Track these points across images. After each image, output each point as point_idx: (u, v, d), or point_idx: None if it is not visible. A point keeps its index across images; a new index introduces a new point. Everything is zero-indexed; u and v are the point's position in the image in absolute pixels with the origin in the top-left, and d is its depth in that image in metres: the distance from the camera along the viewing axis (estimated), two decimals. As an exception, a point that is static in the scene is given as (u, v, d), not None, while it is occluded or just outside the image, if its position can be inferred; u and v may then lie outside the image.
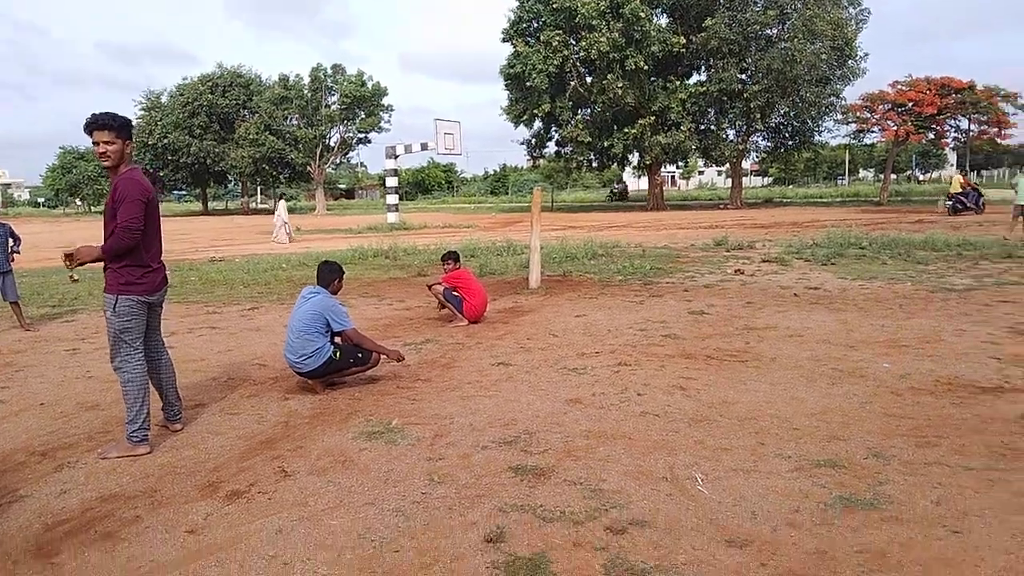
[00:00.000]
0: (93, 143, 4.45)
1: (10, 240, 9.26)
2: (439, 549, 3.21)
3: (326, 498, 3.79)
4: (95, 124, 4.40)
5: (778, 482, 3.82)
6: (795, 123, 43.84)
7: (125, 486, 4.03)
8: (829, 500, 3.58)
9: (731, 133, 45.04)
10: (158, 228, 4.65)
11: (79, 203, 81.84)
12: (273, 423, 5.07)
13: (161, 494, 3.91)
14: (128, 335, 4.52)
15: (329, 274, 6.02)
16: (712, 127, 44.12)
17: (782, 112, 42.60)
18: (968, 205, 27.75)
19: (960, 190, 28.59)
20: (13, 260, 9.34)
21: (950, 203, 28.35)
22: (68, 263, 4.57)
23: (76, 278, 5.21)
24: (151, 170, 60.48)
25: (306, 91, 59.76)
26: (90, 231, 36.94)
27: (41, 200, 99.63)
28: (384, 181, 40.48)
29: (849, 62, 40.22)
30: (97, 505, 3.79)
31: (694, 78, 44.70)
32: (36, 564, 3.19)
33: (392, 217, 35.09)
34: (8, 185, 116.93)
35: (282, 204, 26.76)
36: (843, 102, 42.54)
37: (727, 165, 49.82)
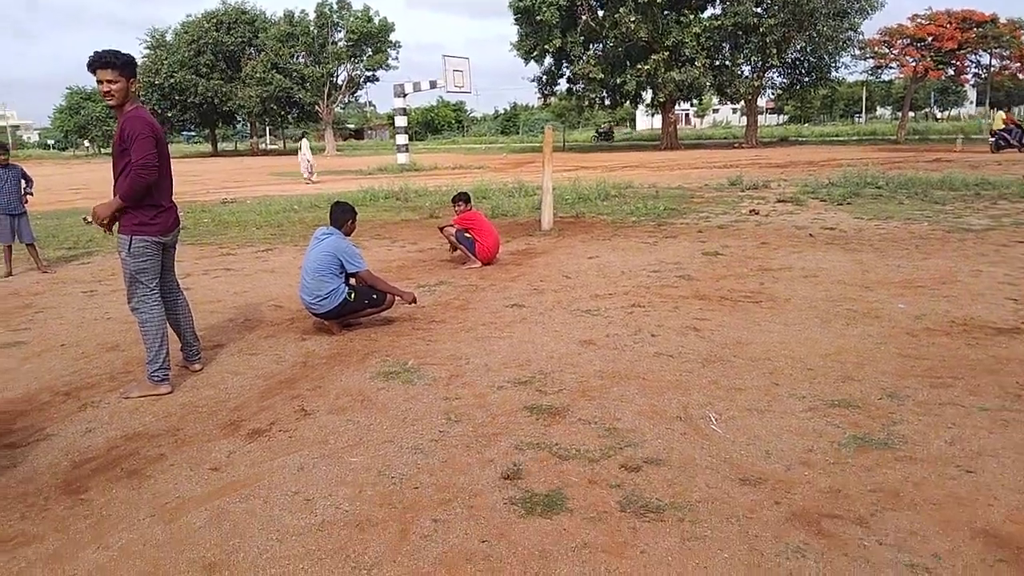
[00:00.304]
0: (97, 82, 4.36)
1: (22, 182, 9.27)
2: (457, 486, 3.28)
3: (346, 436, 3.86)
4: (98, 62, 4.32)
5: (792, 422, 3.86)
6: (811, 59, 42.90)
7: (148, 425, 4.12)
8: (843, 440, 3.62)
9: (746, 69, 44.16)
10: (168, 167, 4.62)
11: (87, 145, 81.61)
12: (291, 363, 5.14)
13: (184, 433, 3.99)
14: (144, 276, 4.54)
15: (342, 215, 6.00)
16: (727, 63, 43.23)
17: (798, 47, 41.64)
18: (1012, 142, 27.11)
19: (1003, 127, 27.92)
20: (27, 202, 9.36)
21: (992, 140, 27.79)
22: (101, 225, 4.49)
23: (90, 220, 5.21)
24: (159, 111, 60.13)
25: (312, 27, 58.93)
26: (100, 172, 36.92)
27: (51, 142, 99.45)
28: (393, 121, 40.09)
29: (867, -6, 39.13)
30: (122, 443, 3.88)
31: (708, 12, 43.58)
32: (66, 500, 3.27)
33: (402, 158, 34.84)
34: (17, 127, 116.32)
35: (305, 143, 26.67)
36: (861, 36, 41.56)
37: (742, 103, 48.99)
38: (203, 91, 59.26)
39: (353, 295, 5.78)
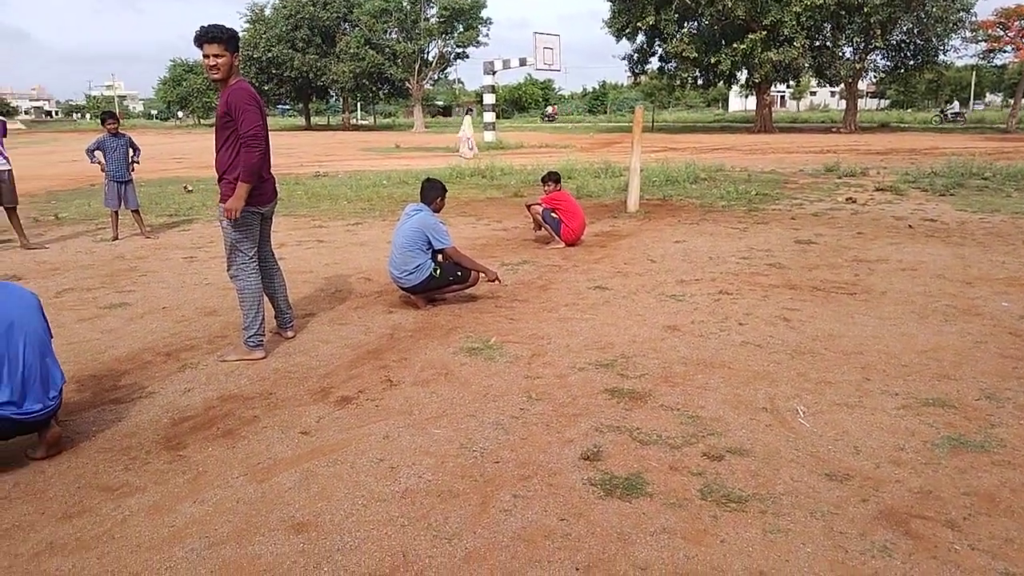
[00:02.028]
0: (203, 56, 4.50)
1: (130, 151, 9.72)
2: (537, 463, 3.31)
3: (430, 408, 3.94)
4: (205, 37, 4.45)
5: (883, 419, 3.74)
6: (918, 40, 40.89)
7: (243, 388, 4.30)
8: (937, 440, 3.49)
9: (848, 51, 42.45)
10: (268, 140, 4.76)
11: (180, 115, 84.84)
12: (379, 335, 5.27)
13: (276, 396, 4.15)
14: (242, 245, 4.71)
15: (432, 192, 6.09)
16: (827, 43, 41.62)
17: (904, 28, 39.74)
18: None
19: None
20: (133, 170, 9.82)
21: None
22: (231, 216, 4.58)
23: (191, 189, 5.43)
24: (256, 84, 61.87)
25: (405, 3, 59.39)
26: (200, 142, 38.40)
27: (154, 112, 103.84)
28: (482, 98, 40.20)
29: (986, -27, 36.98)
30: (218, 404, 4.06)
31: (810, -10, 41.98)
32: (166, 455, 3.46)
33: (489, 136, 34.94)
34: (123, 97, 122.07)
35: (467, 119, 27.08)
36: (973, 17, 39.32)
37: (841, 85, 47.11)
38: (299, 65, 60.62)
39: (439, 271, 5.87)
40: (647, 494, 3.04)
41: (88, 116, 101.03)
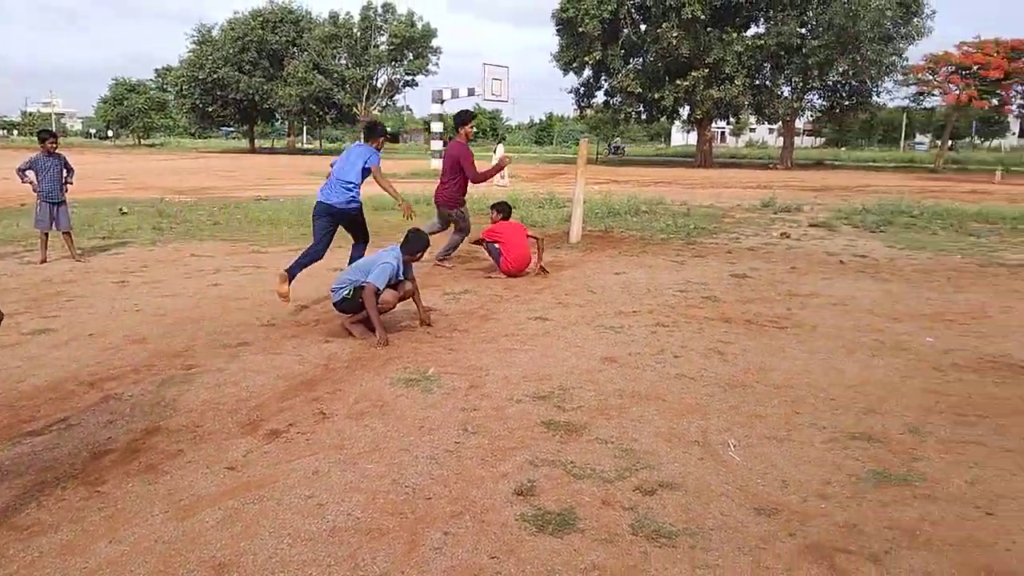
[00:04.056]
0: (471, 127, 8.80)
1: (64, 171, 9.45)
2: (470, 499, 3.28)
3: (362, 442, 3.87)
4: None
5: (811, 452, 3.81)
6: (853, 82, 42.55)
7: (169, 420, 4.16)
8: (862, 474, 3.57)
9: (786, 90, 43.94)
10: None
11: (111, 134, 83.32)
12: (313, 365, 5.18)
13: (203, 429, 4.03)
14: None
15: (414, 244, 6.11)
16: (767, 83, 43.08)
17: (840, 70, 41.32)
18: None
19: None
20: (67, 191, 9.54)
21: None
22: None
23: (126, 211, 5.32)
24: (200, 105, 60.98)
25: (355, 30, 59.53)
26: (139, 162, 37.56)
27: (93, 131, 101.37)
28: (429, 126, 40.32)
29: (915, 19, 38.76)
30: (142, 437, 3.92)
31: (752, 30, 43.42)
32: (83, 491, 3.32)
33: (436, 163, 35.01)
34: (62, 115, 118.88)
35: (500, 148, 27.57)
36: (905, 62, 41.11)
37: (779, 123, 48.60)
38: (245, 88, 60.05)
39: (351, 293, 5.82)
40: (579, 530, 3.03)
41: (18, 133, 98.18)
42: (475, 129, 5.24)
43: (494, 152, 27.24)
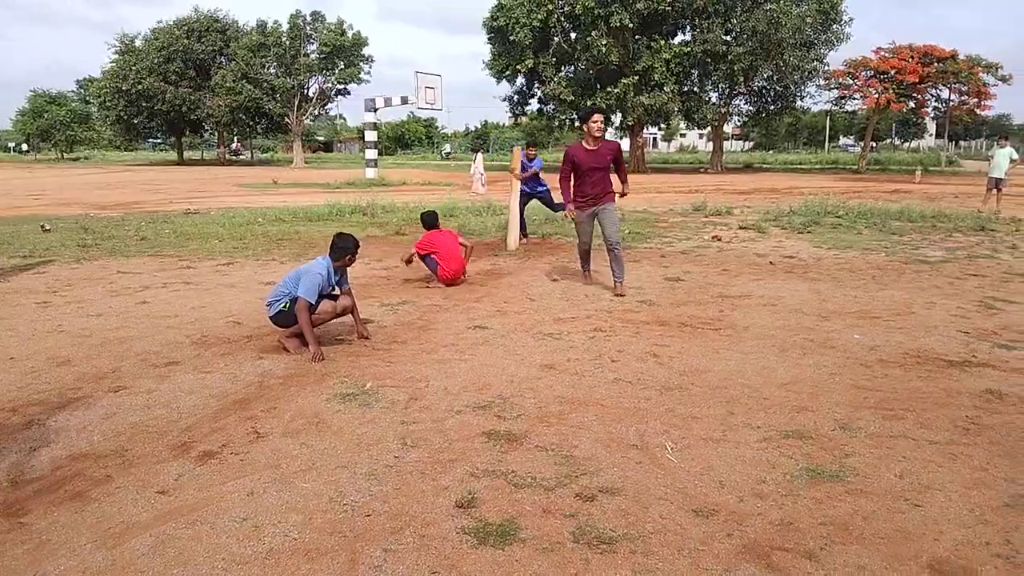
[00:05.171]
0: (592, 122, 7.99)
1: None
2: (410, 514, 3.24)
3: (299, 460, 3.80)
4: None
5: (746, 452, 3.89)
6: (778, 87, 43.80)
7: (96, 445, 4.01)
8: (795, 471, 3.65)
9: (714, 96, 44.97)
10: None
11: (25, 148, 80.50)
12: (247, 383, 5.06)
13: (132, 453, 3.90)
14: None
15: (340, 247, 6.04)
16: (695, 89, 43.95)
17: (765, 76, 42.51)
18: None
19: None
20: (-19, 209, 9.15)
21: None
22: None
23: (48, 228, 5.13)
24: (125, 117, 59.30)
25: (284, 38, 58.58)
26: (62, 177, 36.25)
27: (11, 145, 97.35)
28: (363, 135, 40.00)
29: (834, 26, 40.10)
30: (67, 464, 3.77)
31: (678, 38, 44.30)
32: (4, 523, 3.17)
33: (371, 172, 34.73)
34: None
35: (479, 156, 27.63)
36: (826, 67, 42.55)
37: (709, 128, 49.70)
38: (171, 99, 58.46)
39: (287, 305, 5.73)
40: (520, 540, 3.03)
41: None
42: (600, 124, 5.56)
43: (473, 161, 27.46)
